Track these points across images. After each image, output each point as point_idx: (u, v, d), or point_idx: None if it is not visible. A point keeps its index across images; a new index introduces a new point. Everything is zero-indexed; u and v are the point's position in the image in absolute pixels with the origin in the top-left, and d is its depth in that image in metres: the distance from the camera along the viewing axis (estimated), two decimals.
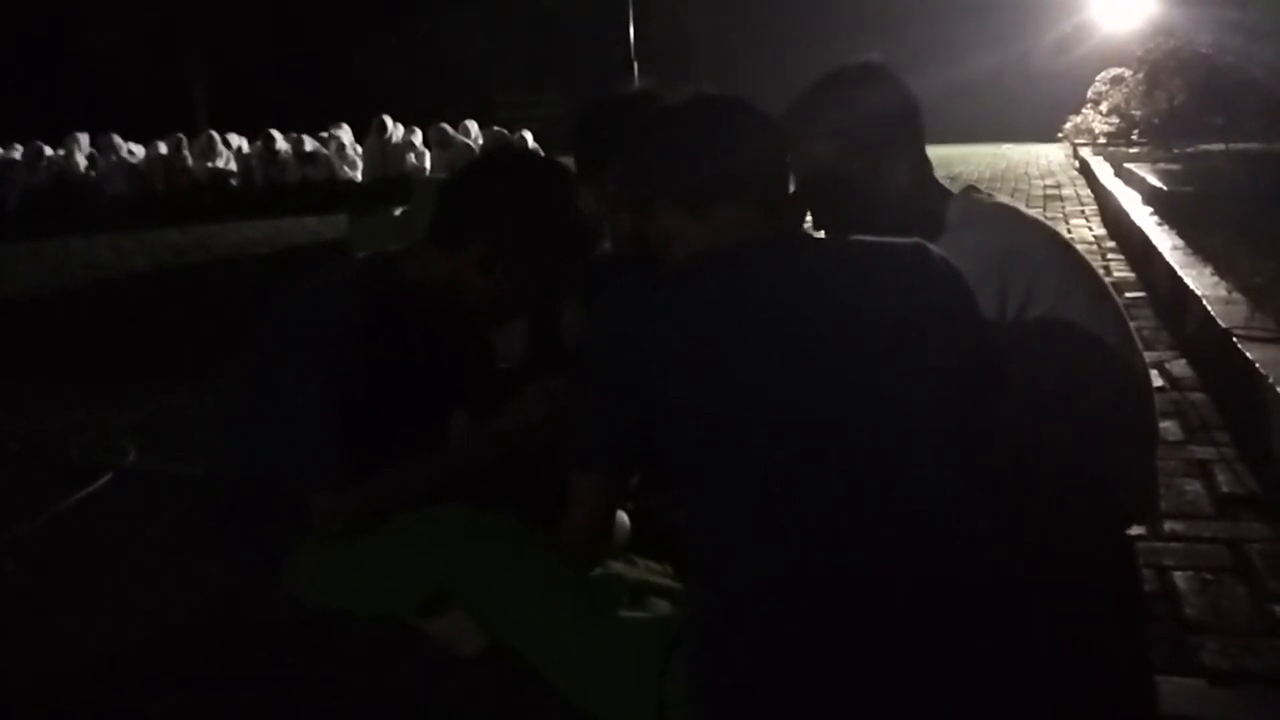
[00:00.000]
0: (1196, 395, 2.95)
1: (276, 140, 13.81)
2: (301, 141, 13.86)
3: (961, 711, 1.05)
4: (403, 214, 7.59)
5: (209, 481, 2.52)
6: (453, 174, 1.80)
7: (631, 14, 18.12)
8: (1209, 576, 1.87)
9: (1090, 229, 6.63)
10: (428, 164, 13.17)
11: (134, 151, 14.25)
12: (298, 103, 17.75)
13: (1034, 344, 1.65)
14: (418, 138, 13.78)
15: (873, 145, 1.74)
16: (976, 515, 1.13)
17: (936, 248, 1.29)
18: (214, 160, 13.78)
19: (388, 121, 13.65)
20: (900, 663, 1.05)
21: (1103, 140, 12.63)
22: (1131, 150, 10.61)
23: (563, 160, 1.82)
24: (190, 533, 2.28)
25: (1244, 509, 2.17)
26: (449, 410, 1.80)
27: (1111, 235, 6.20)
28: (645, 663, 1.28)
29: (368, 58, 22.92)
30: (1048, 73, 18.25)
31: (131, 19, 22.55)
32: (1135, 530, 2.00)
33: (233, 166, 13.91)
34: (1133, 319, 1.98)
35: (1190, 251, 4.30)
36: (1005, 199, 1.94)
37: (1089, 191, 8.71)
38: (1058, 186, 9.51)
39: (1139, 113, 11.97)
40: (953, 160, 11.67)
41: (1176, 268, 3.99)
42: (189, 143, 13.98)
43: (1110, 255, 5.56)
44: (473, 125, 14.11)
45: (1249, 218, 4.65)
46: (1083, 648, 1.29)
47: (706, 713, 1.13)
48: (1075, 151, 12.47)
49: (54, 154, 14.07)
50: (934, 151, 1.82)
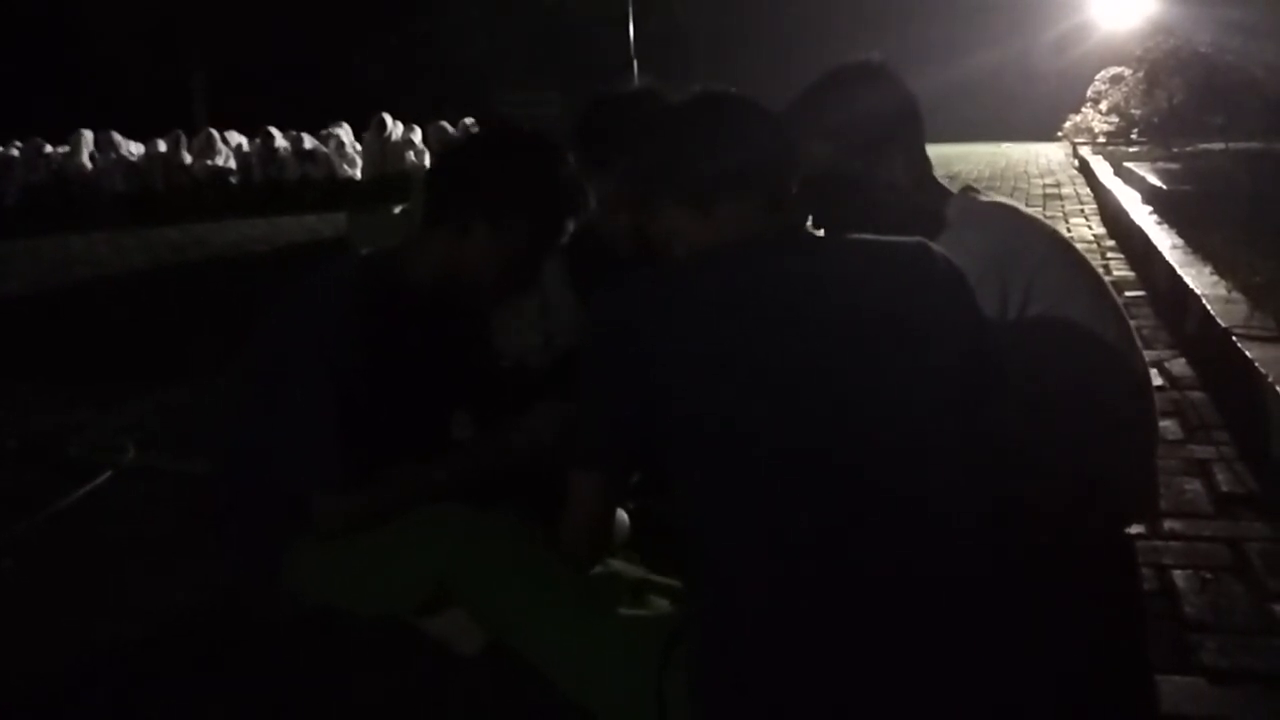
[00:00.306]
0: (1196, 394, 2.95)
1: (276, 138, 13.79)
2: (301, 139, 13.85)
3: (961, 710, 1.05)
4: (402, 212, 7.58)
5: (208, 479, 2.51)
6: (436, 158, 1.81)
7: (631, 13, 18.10)
8: (1208, 575, 1.87)
9: (1090, 228, 6.63)
10: (427, 162, 13.15)
11: (133, 150, 14.24)
12: (297, 101, 17.72)
13: (1034, 343, 1.65)
14: (417, 136, 13.77)
15: (872, 144, 1.74)
16: (977, 514, 1.13)
17: (938, 247, 1.29)
18: (213, 158, 13.76)
19: (387, 119, 13.64)
20: (899, 661, 1.05)
21: (1102, 139, 12.62)
22: (1131, 149, 10.60)
23: None
24: (189, 531, 2.28)
25: (1243, 508, 2.17)
26: (450, 410, 1.80)
27: (1111, 234, 6.20)
28: (645, 660, 1.27)
29: (367, 55, 22.91)
30: (1047, 72, 18.26)
31: (131, 16, 22.54)
32: (1135, 529, 2.00)
33: (232, 164, 13.89)
34: (1132, 318, 1.99)
35: (1190, 250, 4.30)
36: (1005, 198, 1.94)
37: (1088, 190, 8.70)
38: (1057, 185, 9.50)
39: (1138, 112, 11.98)
40: (952, 159, 11.66)
41: (1176, 267, 3.99)
42: (188, 140, 13.97)
43: (1110, 254, 5.55)
44: (472, 123, 14.10)
45: (1248, 217, 4.66)
46: (1082, 646, 1.29)
47: (705, 711, 1.13)
48: (1075, 150, 12.45)
49: (53, 151, 14.05)
50: (933, 150, 1.83)
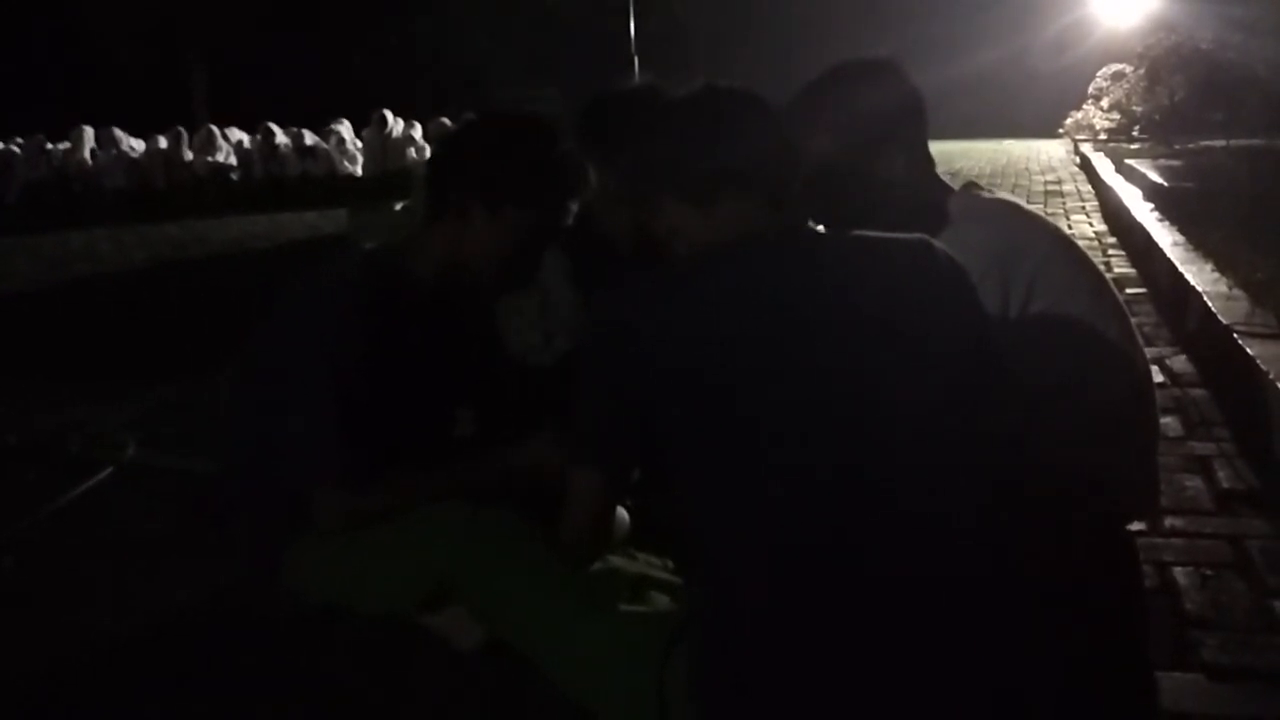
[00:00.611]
0: (1197, 391, 2.95)
1: (276, 135, 13.81)
2: (301, 136, 13.87)
3: (961, 709, 1.04)
4: (403, 208, 7.59)
5: (209, 476, 2.52)
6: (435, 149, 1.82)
7: (632, 11, 18.08)
8: (1209, 572, 1.87)
9: (1091, 225, 6.63)
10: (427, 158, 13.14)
11: (134, 146, 14.24)
12: (298, 97, 17.72)
13: (1035, 340, 1.64)
14: (418, 132, 13.77)
15: (872, 141, 1.73)
16: (977, 512, 1.13)
17: (940, 244, 1.29)
18: (214, 155, 13.78)
19: (388, 116, 13.65)
20: (900, 661, 1.05)
21: (1103, 136, 12.61)
22: (1132, 146, 10.60)
23: None
24: (190, 528, 2.28)
25: (1244, 505, 2.17)
26: (453, 406, 1.80)
27: (1112, 231, 6.19)
28: (645, 658, 1.27)
29: (368, 52, 22.91)
30: (1049, 69, 18.22)
31: (133, 13, 22.54)
32: (1135, 526, 2.00)
33: (232, 161, 13.90)
34: (1133, 315, 1.98)
35: (1191, 247, 4.29)
36: (1006, 195, 1.94)
37: (1090, 187, 8.69)
38: (1059, 182, 9.50)
39: (1140, 109, 11.99)
40: (954, 156, 11.66)
41: (1177, 263, 3.98)
42: (189, 137, 13.99)
43: (1111, 251, 5.55)
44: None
45: (1250, 214, 4.65)
46: (1083, 644, 1.29)
47: (705, 710, 1.13)
48: (1076, 147, 12.44)
49: (55, 147, 14.06)
50: (935, 147, 1.82)
